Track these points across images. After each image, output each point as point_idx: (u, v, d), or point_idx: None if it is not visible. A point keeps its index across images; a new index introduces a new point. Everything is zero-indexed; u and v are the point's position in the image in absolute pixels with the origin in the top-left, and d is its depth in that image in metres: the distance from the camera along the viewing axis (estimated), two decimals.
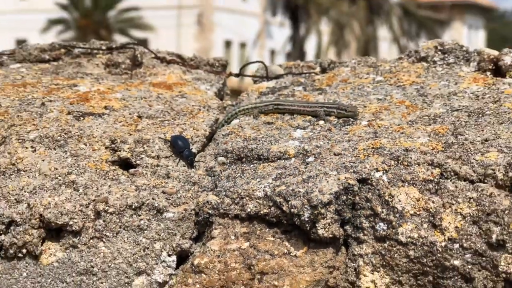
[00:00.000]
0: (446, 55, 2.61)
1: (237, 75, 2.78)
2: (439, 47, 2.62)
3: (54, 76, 2.67)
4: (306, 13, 45.40)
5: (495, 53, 2.55)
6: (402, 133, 2.15)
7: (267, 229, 1.94)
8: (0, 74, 2.67)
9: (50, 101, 2.43)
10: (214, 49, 50.32)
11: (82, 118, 2.31)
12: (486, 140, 2.05)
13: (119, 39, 48.10)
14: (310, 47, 48.33)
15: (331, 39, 46.08)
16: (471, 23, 79.36)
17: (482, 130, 2.12)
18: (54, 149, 2.17)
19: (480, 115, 2.22)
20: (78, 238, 1.99)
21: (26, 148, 2.17)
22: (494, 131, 2.10)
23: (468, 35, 79.37)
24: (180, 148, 2.16)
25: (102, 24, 47.19)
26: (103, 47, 2.84)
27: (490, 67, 2.53)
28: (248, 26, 51.76)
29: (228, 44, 51.27)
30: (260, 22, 52.19)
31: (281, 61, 54.52)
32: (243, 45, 52.11)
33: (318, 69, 2.73)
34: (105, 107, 2.39)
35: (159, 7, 49.48)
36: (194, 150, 2.20)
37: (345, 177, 1.93)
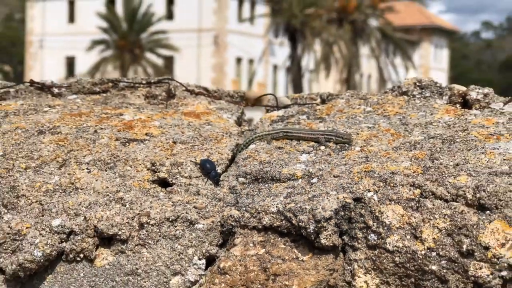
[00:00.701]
0: (423, 90, 2.60)
1: (253, 105, 2.78)
2: (417, 83, 2.61)
3: (103, 106, 2.67)
4: (302, 35, 45.32)
5: (463, 88, 2.54)
6: (389, 157, 2.14)
7: (280, 238, 1.94)
8: (60, 105, 2.67)
9: (101, 128, 2.43)
10: (228, 64, 50.28)
11: (127, 144, 2.31)
12: (457, 164, 2.04)
13: (150, 56, 48.13)
14: (306, 63, 48.27)
15: (322, 56, 46.00)
16: (437, 43, 79.29)
17: (454, 156, 2.11)
18: (105, 170, 2.17)
19: (452, 142, 2.21)
20: (125, 245, 1.99)
21: (83, 169, 2.17)
22: (464, 156, 2.09)
23: (434, 53, 79.39)
24: (208, 170, 2.16)
25: (136, 44, 47.18)
26: (144, 82, 2.84)
27: (459, 100, 2.52)
28: (255, 45, 51.71)
29: (239, 60, 51.20)
30: (265, 42, 52.12)
31: (282, 75, 54.35)
32: (251, 61, 52.04)
33: (318, 100, 2.72)
34: (146, 134, 2.39)
35: (183, 30, 49.47)
36: (219, 171, 2.20)
37: (343, 197, 1.93)
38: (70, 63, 54.45)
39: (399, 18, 60.77)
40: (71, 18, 54.31)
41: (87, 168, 2.18)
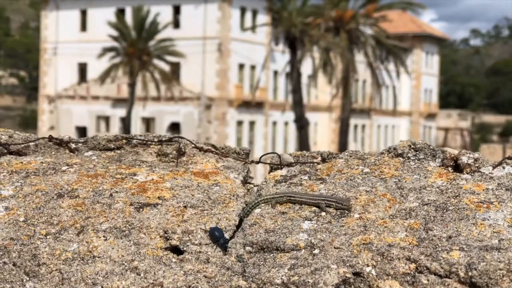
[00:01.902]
0: (417, 152, 2.62)
1: (257, 163, 2.80)
2: (412, 146, 2.63)
3: (118, 165, 2.69)
4: (301, 43, 45.31)
5: (455, 152, 2.56)
6: (386, 227, 2.16)
7: None
8: (77, 163, 2.69)
9: (116, 192, 2.45)
10: (231, 70, 50.33)
11: (141, 209, 2.33)
12: (450, 237, 2.06)
13: (157, 63, 48.01)
14: (304, 69, 48.28)
15: (320, 63, 46.01)
16: (428, 50, 79.27)
17: (447, 226, 2.13)
18: (121, 238, 2.19)
19: (445, 210, 2.23)
20: None
21: (99, 237, 2.19)
22: (456, 227, 2.11)
23: (425, 59, 79.37)
24: (216, 237, 2.18)
25: (144, 51, 47.15)
26: (155, 139, 2.85)
27: (451, 163, 2.54)
28: (257, 52, 51.73)
29: (241, 66, 51.26)
30: (266, 50, 52.14)
31: (282, 80, 54.07)
32: (253, 67, 52.07)
33: (319, 159, 2.74)
34: (159, 197, 2.41)
35: (189, 38, 49.50)
36: (227, 237, 2.22)
37: (343, 271, 1.95)
38: (82, 69, 54.53)
39: (393, 26, 60.71)
40: (83, 27, 54.38)
41: (103, 236, 2.20)
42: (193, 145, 2.82)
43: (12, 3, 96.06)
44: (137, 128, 51.87)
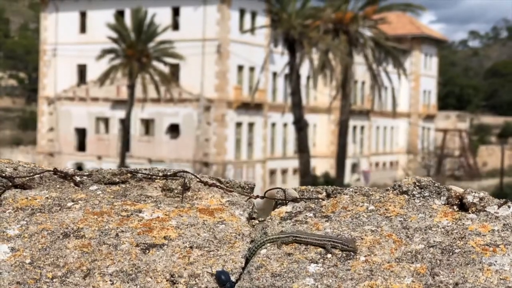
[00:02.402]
0: (422, 190, 2.62)
1: (262, 198, 2.80)
2: (417, 183, 2.63)
3: (123, 200, 2.69)
4: (301, 45, 45.28)
5: (460, 190, 2.56)
6: (392, 271, 2.16)
7: None
8: (82, 199, 2.69)
9: (122, 231, 2.44)
10: (230, 72, 50.34)
11: (147, 251, 2.33)
12: (457, 284, 2.06)
13: (157, 64, 47.94)
14: (303, 70, 48.28)
15: (319, 65, 45.99)
16: (426, 51, 79.30)
17: (453, 271, 2.13)
18: (127, 282, 2.19)
19: (451, 254, 2.23)
20: None
21: (106, 281, 2.19)
22: (462, 273, 2.11)
23: (424, 61, 79.41)
24: (223, 281, 2.18)
25: (143, 53, 47.11)
26: (160, 173, 2.85)
27: (457, 202, 2.54)
28: (256, 54, 51.75)
29: (240, 68, 51.28)
30: (265, 51, 52.15)
31: (281, 81, 53.97)
32: (252, 69, 52.09)
33: (324, 194, 2.74)
34: (165, 237, 2.41)
35: (188, 40, 49.55)
36: (233, 280, 2.22)
37: None
38: (82, 70, 54.53)
39: (391, 28, 60.75)
40: (83, 28, 54.36)
41: (110, 280, 2.19)
42: (198, 180, 2.81)
43: (12, 4, 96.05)
44: (136, 129, 51.86)
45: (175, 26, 50.62)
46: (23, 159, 64.62)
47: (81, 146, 55.03)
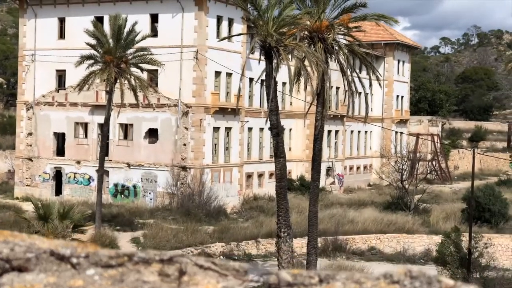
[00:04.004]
0: (413, 280, 2.65)
1: (256, 282, 2.81)
2: (408, 274, 2.66)
3: (120, 286, 2.69)
4: (277, 52, 45.37)
5: (451, 282, 2.59)
6: None
7: None
8: (80, 286, 2.69)
9: None
10: (208, 77, 50.31)
11: None
12: None
13: (135, 70, 47.75)
14: (279, 75, 48.38)
15: (295, 72, 46.12)
16: (399, 58, 79.96)
17: None
18: None
19: None
20: None
21: None
22: None
23: (397, 67, 80.00)
24: None
25: (121, 59, 46.86)
26: (157, 257, 2.86)
27: None
28: (233, 60, 51.81)
29: (217, 74, 51.29)
30: (242, 58, 52.23)
31: (258, 87, 53.92)
32: (229, 75, 52.13)
33: (316, 279, 2.76)
34: None
35: (166, 46, 49.49)
36: None
37: None
38: (61, 75, 54.23)
39: (366, 35, 61.13)
40: (61, 34, 54.09)
41: None
42: (193, 263, 2.83)
43: None
44: (115, 134, 51.66)
45: (154, 32, 50.53)
46: (1, 164, 63.75)
47: (60, 151, 54.70)
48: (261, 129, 56.91)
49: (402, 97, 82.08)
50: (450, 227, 36.59)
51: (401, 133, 79.28)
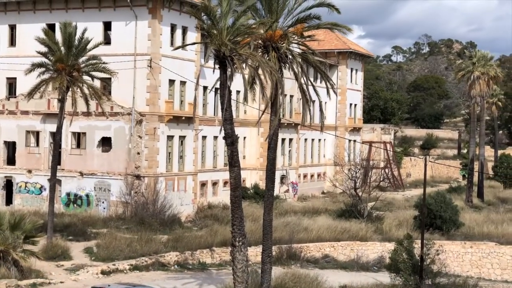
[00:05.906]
0: None
1: None
2: None
3: None
4: (231, 61, 45.36)
5: None
6: None
7: None
8: None
9: None
10: (161, 86, 50.02)
11: None
12: None
13: (87, 78, 47.24)
14: (234, 84, 48.30)
15: (249, 80, 46.17)
16: (352, 66, 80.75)
17: None
18: None
19: None
20: None
21: None
22: None
23: (350, 75, 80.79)
24: None
25: (74, 67, 46.30)
26: None
27: None
28: (187, 69, 51.69)
29: (171, 82, 51.05)
30: (196, 66, 52.14)
31: (212, 95, 53.83)
32: (183, 83, 51.95)
33: None
34: None
35: (120, 54, 49.17)
36: None
37: None
38: (11, 83, 53.40)
39: (319, 43, 61.64)
40: (12, 42, 53.27)
41: None
42: None
43: None
44: (68, 143, 51.01)
45: (107, 40, 50.12)
46: None
47: (11, 160, 53.80)
48: (215, 138, 56.84)
49: (355, 105, 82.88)
50: (403, 234, 36.98)
51: (354, 141, 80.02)
